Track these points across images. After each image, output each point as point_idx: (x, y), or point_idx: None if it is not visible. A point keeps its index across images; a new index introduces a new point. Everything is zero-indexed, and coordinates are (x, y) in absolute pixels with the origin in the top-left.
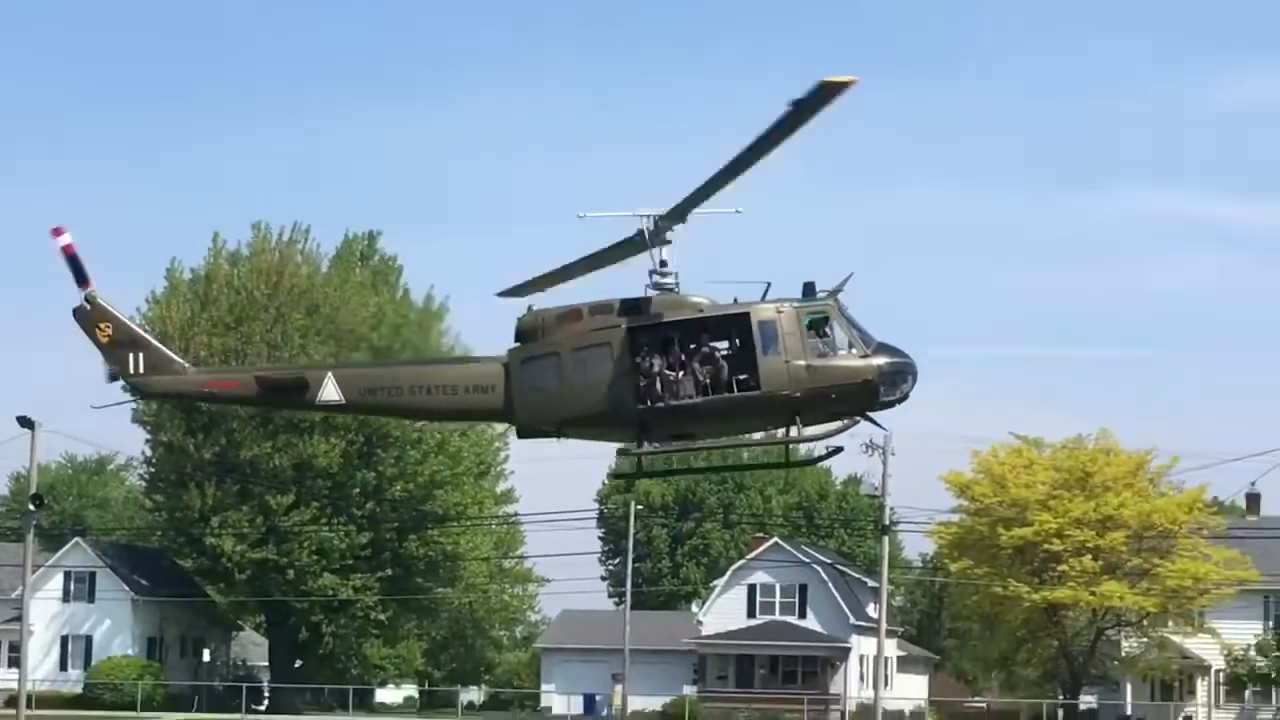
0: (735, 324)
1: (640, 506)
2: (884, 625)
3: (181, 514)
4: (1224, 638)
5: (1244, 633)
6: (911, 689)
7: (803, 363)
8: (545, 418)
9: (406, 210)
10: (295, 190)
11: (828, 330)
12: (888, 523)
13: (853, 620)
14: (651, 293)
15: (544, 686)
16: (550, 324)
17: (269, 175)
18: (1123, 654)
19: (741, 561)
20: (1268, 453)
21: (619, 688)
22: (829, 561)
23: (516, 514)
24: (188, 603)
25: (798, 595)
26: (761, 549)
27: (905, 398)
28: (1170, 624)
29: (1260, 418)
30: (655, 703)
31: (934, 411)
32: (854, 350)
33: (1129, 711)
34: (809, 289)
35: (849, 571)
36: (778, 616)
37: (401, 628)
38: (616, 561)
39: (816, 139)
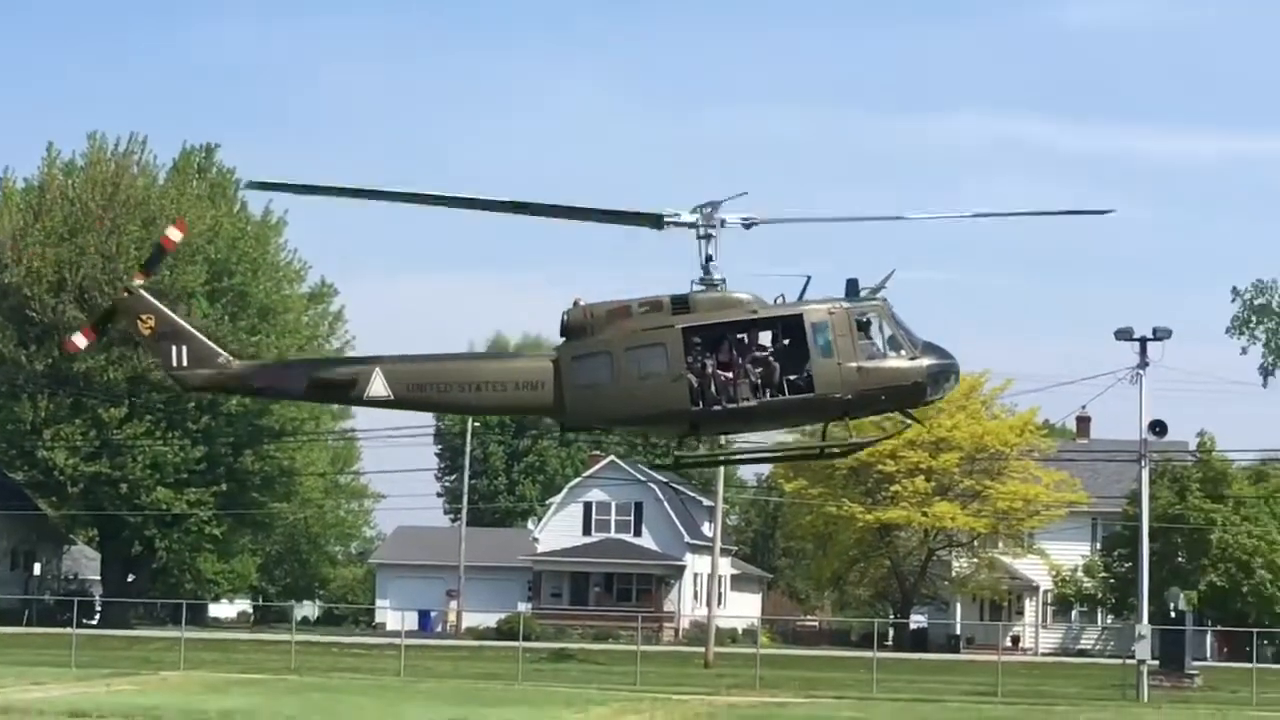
0: (789, 325)
1: (477, 424)
2: (718, 544)
3: (12, 426)
4: (1052, 559)
5: (1072, 554)
6: (745, 607)
7: (855, 364)
8: (597, 416)
9: (246, 123)
10: (133, 103)
11: (877, 330)
12: (723, 442)
13: (687, 539)
14: (698, 289)
15: (379, 602)
16: (599, 320)
17: (106, 87)
18: (953, 574)
19: (578, 479)
20: (1097, 376)
21: (454, 604)
22: (665, 480)
23: (353, 430)
24: (18, 516)
25: (633, 513)
26: (598, 467)
27: (944, 395)
28: (1000, 545)
29: (1091, 341)
30: (490, 619)
31: None
32: (903, 352)
33: (958, 631)
34: (852, 286)
35: (684, 490)
36: (613, 534)
37: (236, 543)
38: (453, 478)
39: (655, 63)
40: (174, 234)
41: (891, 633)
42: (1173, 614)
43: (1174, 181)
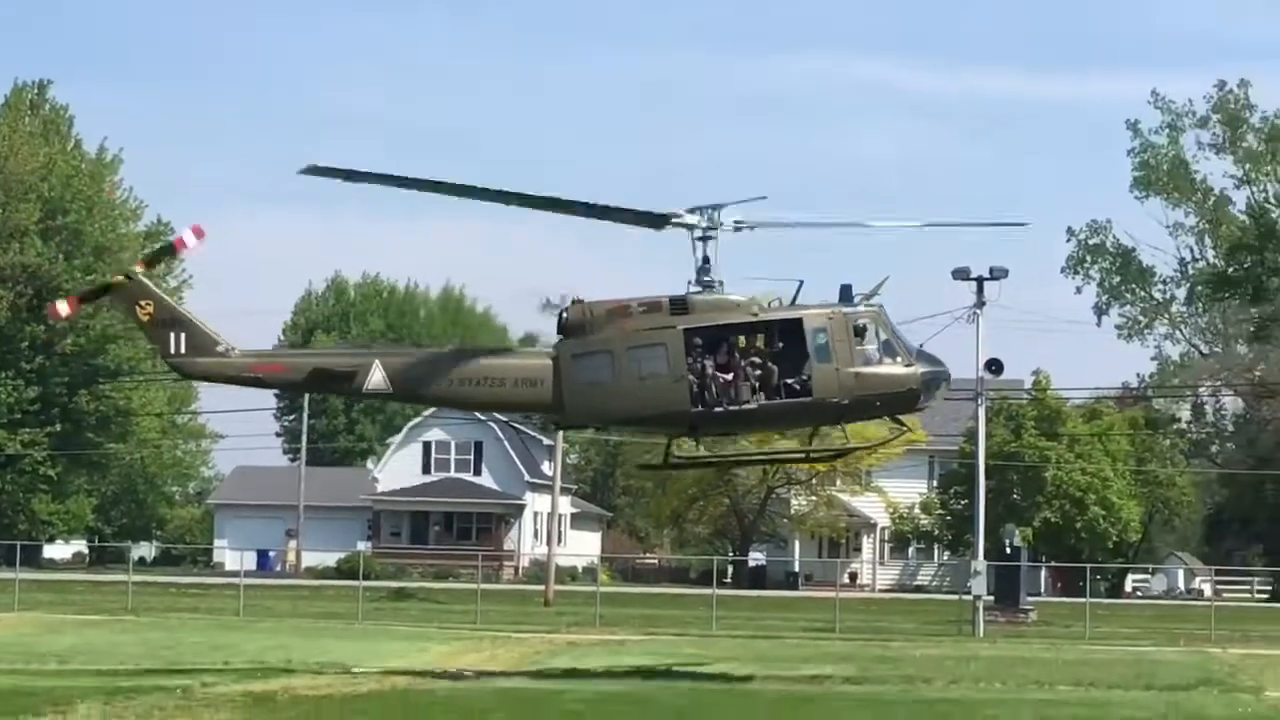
0: (788, 329)
1: None
2: (558, 483)
3: None
4: (890, 496)
5: (909, 492)
6: (585, 545)
7: (852, 370)
8: (595, 415)
9: (79, 61)
10: None
11: (873, 337)
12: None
13: (527, 478)
14: (694, 290)
15: (217, 542)
16: (599, 319)
17: None
18: (791, 512)
19: (417, 419)
20: (935, 315)
21: (293, 543)
22: (505, 419)
23: None
24: None
25: (473, 452)
26: None
27: (934, 402)
28: (838, 483)
29: (930, 282)
30: (329, 558)
31: (613, 271)
32: (899, 359)
33: (796, 568)
34: (846, 292)
35: (524, 429)
36: (453, 474)
37: (71, 483)
38: (292, 418)
39: (487, 12)
40: (189, 238)
41: (730, 570)
42: (1008, 550)
43: (1011, 122)
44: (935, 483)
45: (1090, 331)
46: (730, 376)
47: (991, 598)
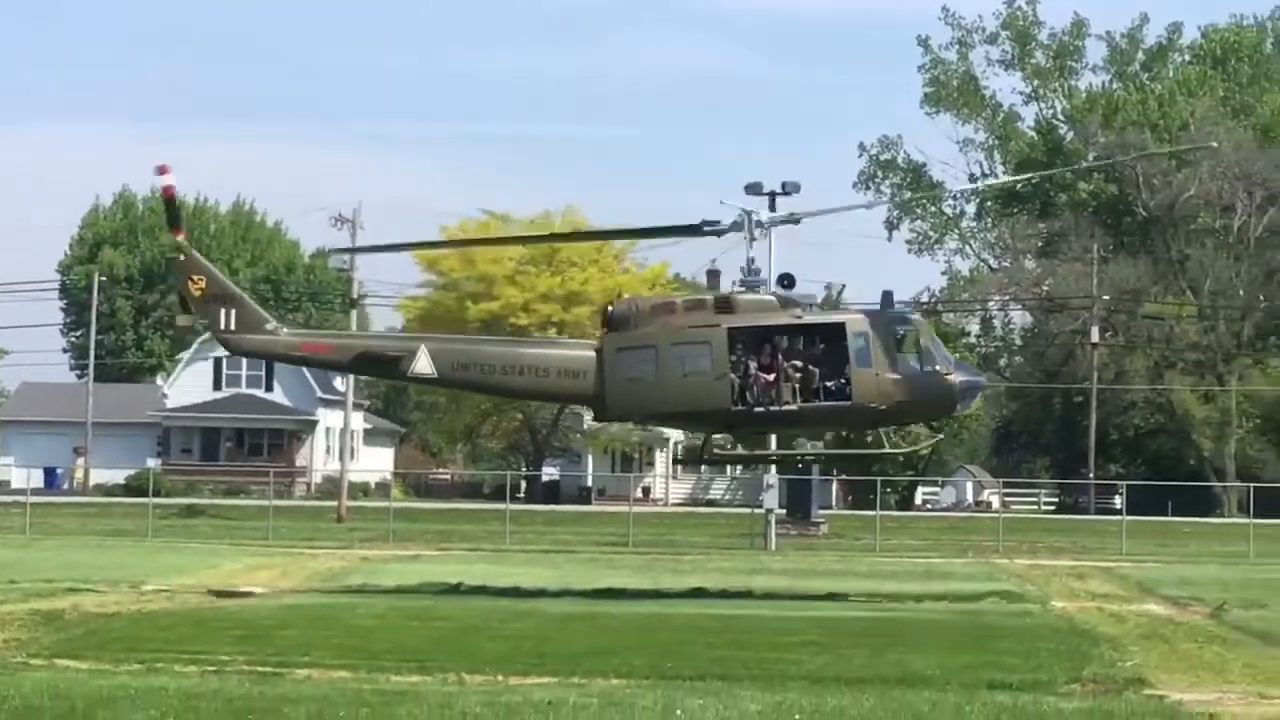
0: (831, 333)
1: (103, 278)
2: (350, 398)
3: None
4: None
5: None
6: (377, 461)
7: (891, 376)
8: (636, 410)
9: None
10: None
11: (913, 344)
12: (356, 296)
13: (320, 393)
14: (739, 290)
15: (2, 460)
16: (644, 315)
17: None
18: (585, 427)
19: (207, 334)
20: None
21: (80, 460)
22: None
23: None
24: None
25: (264, 368)
26: None
27: (969, 410)
28: None
29: (723, 195)
30: (118, 475)
31: (403, 186)
32: (939, 367)
33: (590, 483)
34: (888, 299)
35: None
36: (244, 389)
37: None
38: (79, 334)
39: None
40: (164, 179)
41: (524, 485)
42: (799, 464)
43: (804, 37)
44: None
45: (881, 245)
46: (771, 377)
47: (783, 511)
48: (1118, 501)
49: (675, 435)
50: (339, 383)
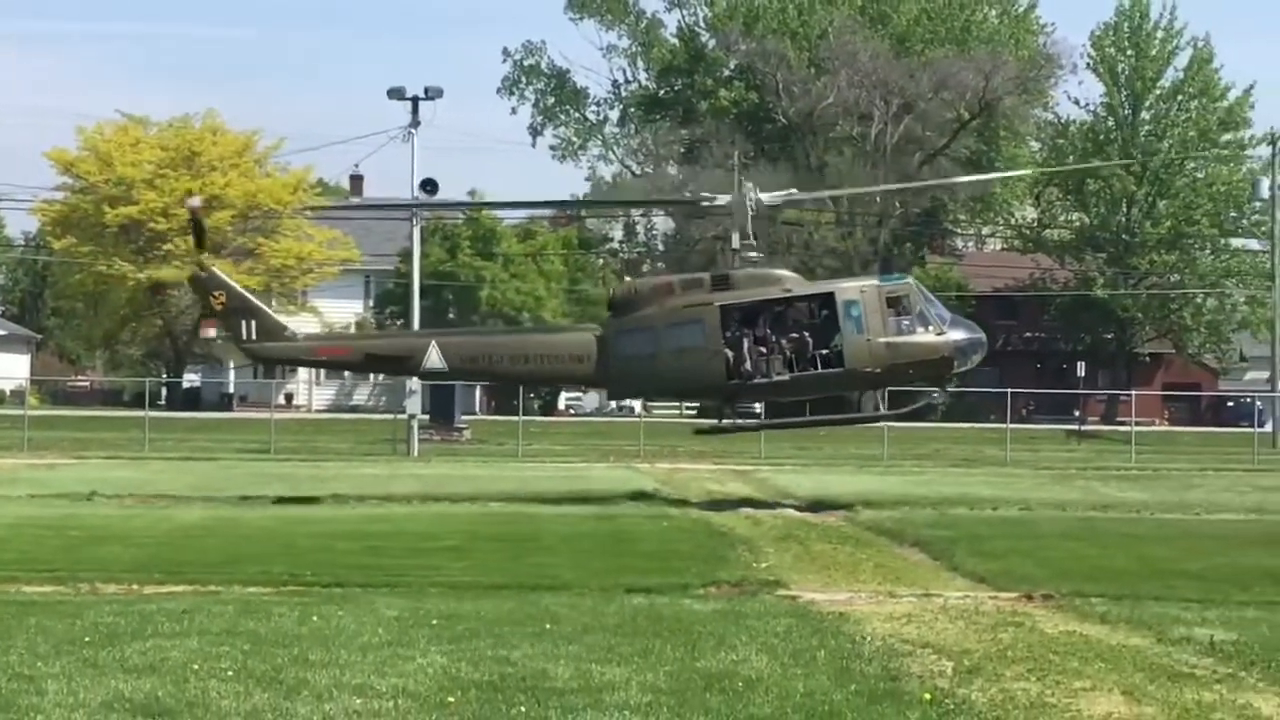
0: (821, 303)
1: None
2: None
3: None
4: (325, 316)
5: (345, 311)
6: (12, 368)
7: (884, 340)
8: (639, 388)
9: None
10: None
11: (906, 308)
12: None
13: None
14: (737, 267)
15: None
16: (644, 296)
17: None
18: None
19: None
20: (369, 135)
21: None
22: None
23: None
24: None
25: None
26: None
27: (971, 367)
28: (274, 303)
29: (362, 101)
30: None
31: (37, 87)
32: (931, 328)
33: (231, 389)
34: (886, 265)
35: None
36: None
37: None
38: None
39: None
40: (193, 201)
41: (165, 392)
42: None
43: None
44: (371, 302)
45: (525, 151)
46: (765, 349)
47: (426, 417)
48: (759, 405)
49: None
50: None
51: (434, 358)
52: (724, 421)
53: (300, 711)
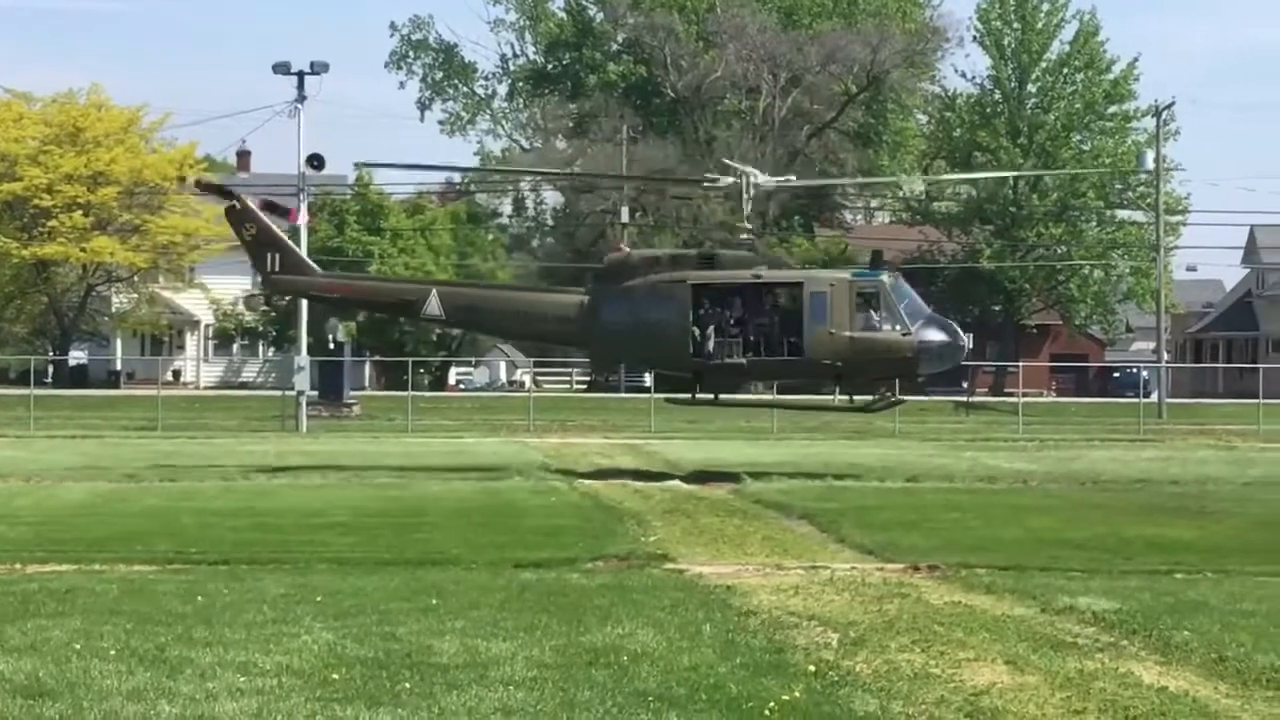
0: (789, 291)
1: None
2: None
3: None
4: (213, 292)
5: (233, 288)
6: None
7: (847, 334)
8: (615, 356)
9: None
10: None
11: (877, 304)
12: None
13: None
14: (726, 248)
15: None
16: (632, 267)
17: None
18: (113, 309)
19: None
20: (255, 110)
21: None
22: None
23: None
24: None
25: None
26: None
27: (949, 367)
28: (161, 280)
29: (249, 76)
30: None
31: None
32: (898, 327)
33: (119, 366)
34: (876, 258)
35: None
36: None
37: None
38: None
39: None
40: (191, 182)
41: (51, 370)
42: (331, 345)
43: None
44: (258, 278)
45: (414, 125)
46: (731, 332)
47: (315, 393)
48: (648, 379)
49: (207, 318)
50: None
51: (433, 305)
52: (694, 395)
53: (183, 690)
